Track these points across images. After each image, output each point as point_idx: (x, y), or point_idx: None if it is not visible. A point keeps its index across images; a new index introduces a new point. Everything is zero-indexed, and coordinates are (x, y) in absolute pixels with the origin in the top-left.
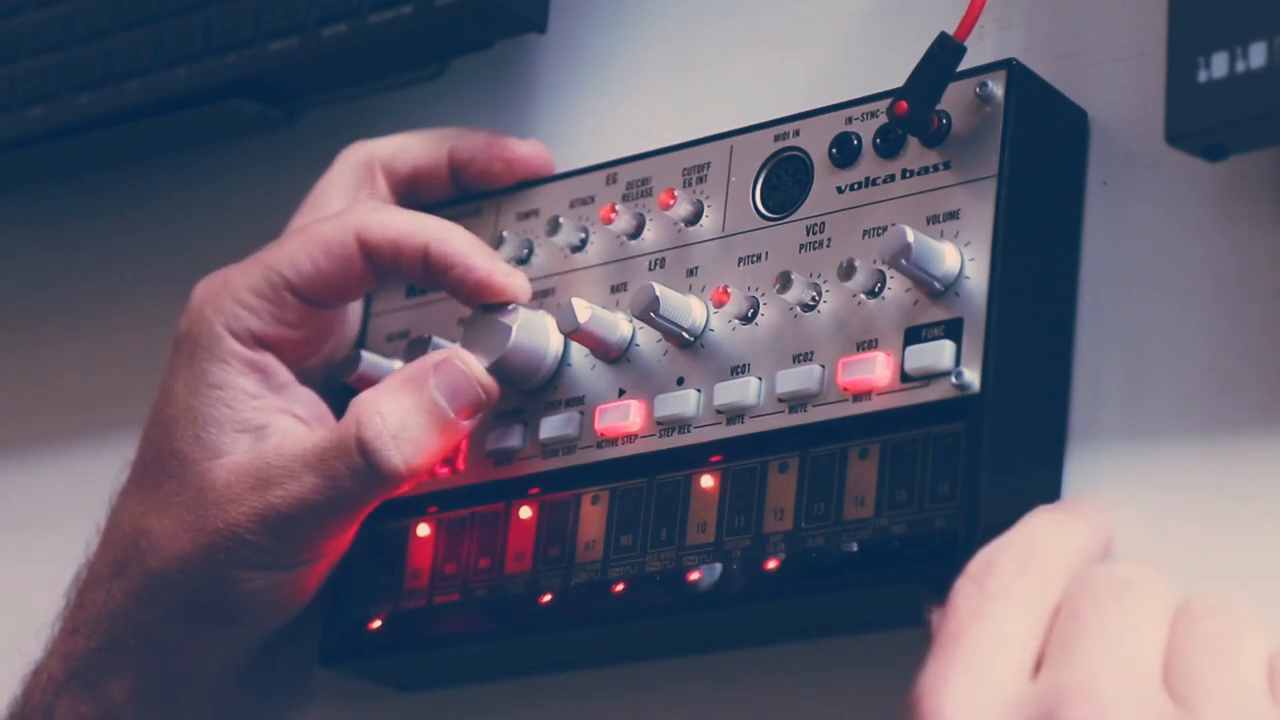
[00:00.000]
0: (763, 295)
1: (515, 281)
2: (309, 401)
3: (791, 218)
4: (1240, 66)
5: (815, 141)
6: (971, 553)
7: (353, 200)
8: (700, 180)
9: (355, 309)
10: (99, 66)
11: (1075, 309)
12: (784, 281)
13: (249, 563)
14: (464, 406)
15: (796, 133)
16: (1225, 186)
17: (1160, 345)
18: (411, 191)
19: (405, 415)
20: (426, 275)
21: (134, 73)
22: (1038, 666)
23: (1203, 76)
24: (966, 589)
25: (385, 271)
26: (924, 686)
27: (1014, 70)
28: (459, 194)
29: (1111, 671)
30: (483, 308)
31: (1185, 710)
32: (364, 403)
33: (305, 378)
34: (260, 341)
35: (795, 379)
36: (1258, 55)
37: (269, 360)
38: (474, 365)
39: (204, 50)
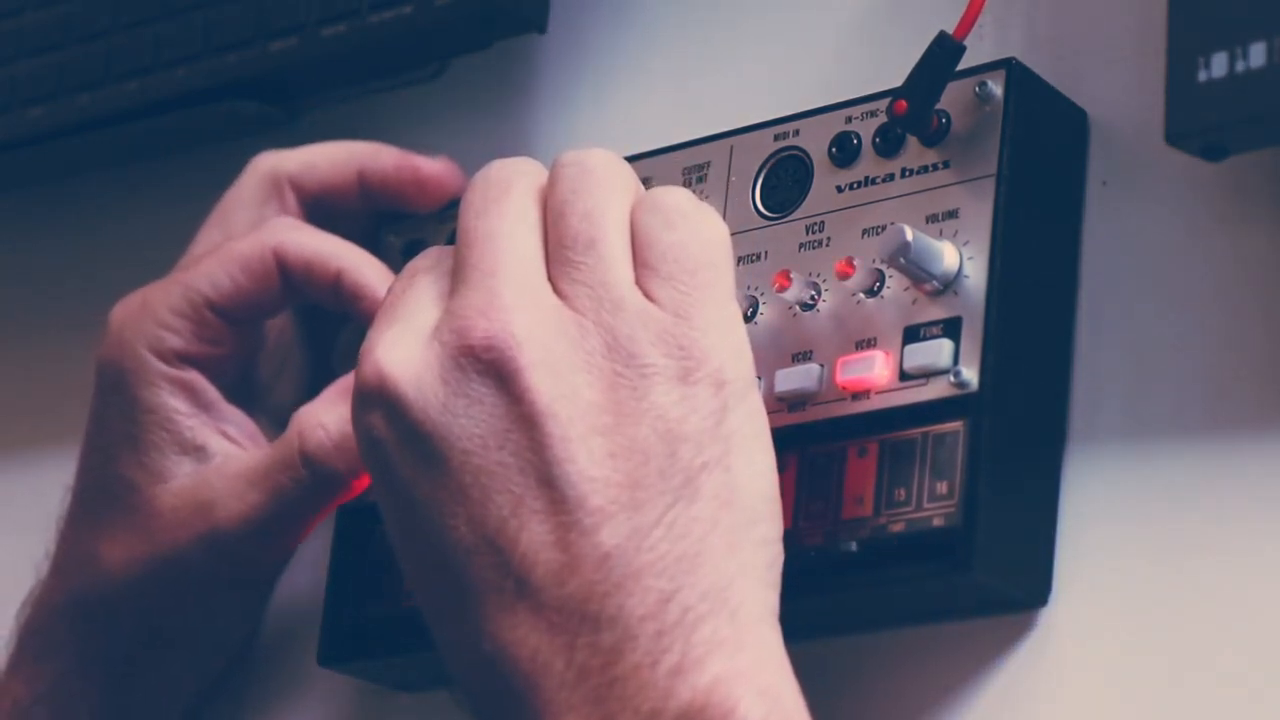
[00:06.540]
0: (762, 295)
1: None
2: (239, 421)
3: (791, 217)
4: (1240, 66)
5: (815, 141)
6: (972, 552)
7: (260, 215)
8: (700, 180)
9: (280, 327)
10: (99, 66)
11: (1075, 309)
12: (783, 281)
13: (198, 586)
14: None
15: (796, 132)
16: (1225, 186)
17: (1160, 345)
18: (318, 206)
19: (347, 425)
20: (336, 299)
21: (134, 73)
22: None
23: (1203, 76)
24: (397, 287)
25: (297, 290)
26: (364, 346)
27: (1014, 70)
28: (371, 210)
29: (505, 276)
30: None
31: (566, 301)
32: (305, 415)
33: (277, 396)
34: (184, 359)
35: (794, 378)
36: (1258, 55)
37: (194, 377)
38: None
39: (204, 50)
